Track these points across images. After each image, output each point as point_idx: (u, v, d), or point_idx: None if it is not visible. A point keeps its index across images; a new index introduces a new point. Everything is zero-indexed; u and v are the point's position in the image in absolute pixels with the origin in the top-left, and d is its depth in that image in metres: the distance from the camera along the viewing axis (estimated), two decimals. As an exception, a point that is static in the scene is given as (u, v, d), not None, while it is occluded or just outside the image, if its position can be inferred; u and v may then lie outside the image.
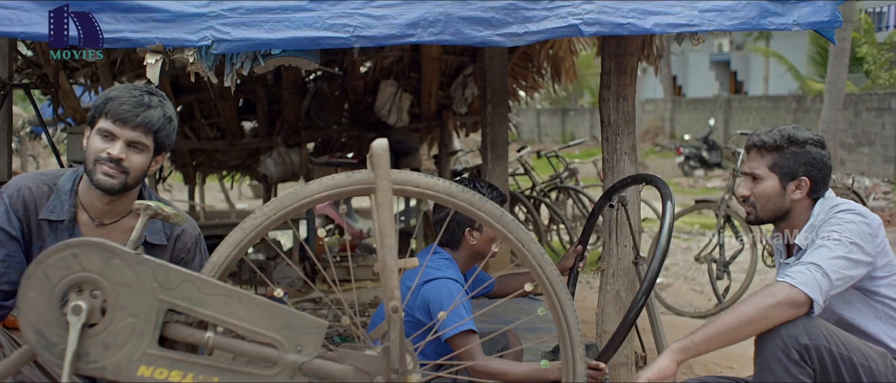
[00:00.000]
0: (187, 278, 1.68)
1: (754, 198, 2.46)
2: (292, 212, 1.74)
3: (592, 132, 23.92)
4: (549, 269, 1.81)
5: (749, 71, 25.39)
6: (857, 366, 2.14)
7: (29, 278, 1.66)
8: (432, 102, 7.44)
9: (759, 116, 17.73)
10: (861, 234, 2.25)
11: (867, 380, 2.15)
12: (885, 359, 2.22)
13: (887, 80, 14.78)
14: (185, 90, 6.92)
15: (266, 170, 7.06)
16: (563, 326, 1.81)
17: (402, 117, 7.23)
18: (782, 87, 20.27)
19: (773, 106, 17.50)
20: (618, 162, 3.41)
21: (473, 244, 2.94)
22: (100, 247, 1.67)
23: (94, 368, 1.67)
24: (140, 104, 2.19)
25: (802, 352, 2.11)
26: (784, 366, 2.11)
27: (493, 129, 5.90)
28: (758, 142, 2.47)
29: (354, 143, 8.02)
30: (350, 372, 1.72)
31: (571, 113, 26.14)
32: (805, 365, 2.11)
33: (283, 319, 1.69)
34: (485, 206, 1.78)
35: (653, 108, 22.33)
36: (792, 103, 16.72)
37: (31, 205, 2.25)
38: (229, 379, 1.68)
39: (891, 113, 13.14)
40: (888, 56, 15.18)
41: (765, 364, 2.16)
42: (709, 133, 17.21)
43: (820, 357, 2.11)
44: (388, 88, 7.15)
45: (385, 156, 1.65)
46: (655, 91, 25.25)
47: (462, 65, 7.26)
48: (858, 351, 2.17)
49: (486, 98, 5.88)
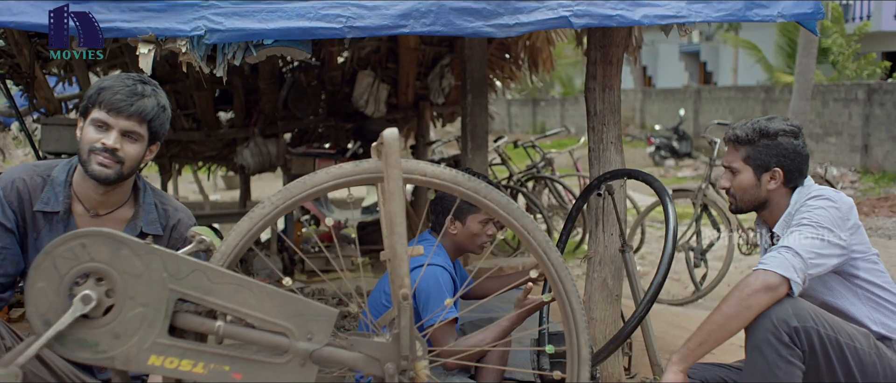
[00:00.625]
0: (197, 267, 1.68)
1: (733, 190, 2.56)
2: (301, 201, 1.75)
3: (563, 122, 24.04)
4: (553, 256, 1.84)
5: (718, 61, 25.67)
6: (844, 347, 2.21)
7: (37, 268, 1.66)
8: (409, 93, 7.46)
9: (728, 106, 17.93)
10: (830, 218, 2.32)
11: (852, 360, 2.22)
12: (869, 339, 2.29)
13: (854, 70, 15.04)
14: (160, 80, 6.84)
15: (243, 161, 7.02)
16: (567, 311, 1.85)
17: (379, 108, 7.23)
18: (751, 78, 20.51)
19: (742, 96, 17.70)
20: (604, 151, 3.45)
21: (455, 234, 2.97)
22: (109, 236, 1.67)
23: (105, 358, 1.67)
24: (134, 93, 2.19)
25: (792, 334, 2.17)
26: (774, 348, 2.18)
27: (473, 119, 5.91)
28: (732, 136, 2.57)
29: (331, 134, 8.01)
30: (360, 359, 1.74)
31: (542, 103, 26.24)
32: (794, 347, 2.18)
33: (293, 307, 1.70)
34: (490, 194, 1.81)
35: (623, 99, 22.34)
36: (761, 94, 16.93)
37: (26, 197, 2.24)
38: (240, 368, 1.69)
39: (858, 103, 13.36)
40: (855, 47, 15.45)
41: (755, 346, 2.22)
42: (679, 123, 17.40)
43: (809, 338, 2.18)
44: (366, 79, 7.14)
45: (396, 146, 1.66)
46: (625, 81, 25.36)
47: (439, 55, 7.28)
48: (844, 332, 2.24)
49: (466, 88, 5.89)
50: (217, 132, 7.33)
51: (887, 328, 2.38)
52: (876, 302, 2.39)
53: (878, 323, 2.38)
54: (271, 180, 10.03)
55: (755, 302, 2.20)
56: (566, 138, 16.22)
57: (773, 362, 2.18)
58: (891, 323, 2.38)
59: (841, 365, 2.21)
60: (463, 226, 2.94)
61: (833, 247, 2.31)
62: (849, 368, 2.22)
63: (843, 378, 2.23)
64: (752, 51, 17.65)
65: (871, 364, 2.25)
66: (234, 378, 1.70)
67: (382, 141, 1.67)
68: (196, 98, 7.02)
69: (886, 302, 2.39)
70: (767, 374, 2.19)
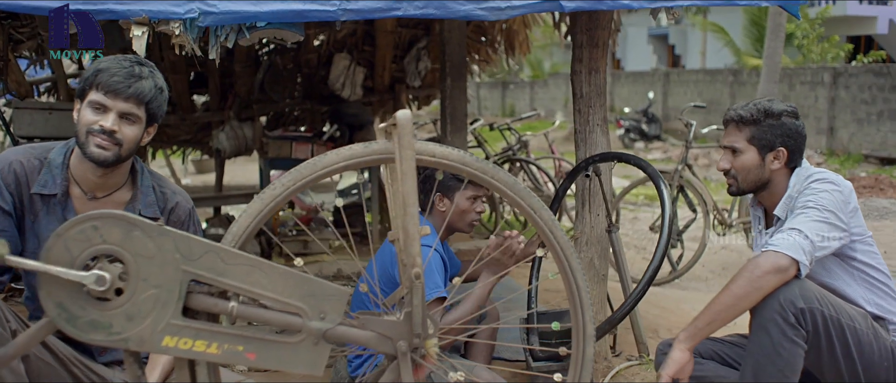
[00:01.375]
0: (210, 249, 1.69)
1: (735, 171, 2.57)
2: (311, 182, 1.76)
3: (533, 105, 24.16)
4: (559, 235, 1.88)
5: (687, 45, 25.90)
6: (844, 327, 2.28)
7: (49, 250, 1.65)
8: (385, 76, 7.46)
9: (696, 89, 18.13)
10: (834, 202, 2.37)
11: (852, 339, 2.29)
12: (866, 320, 2.36)
13: (819, 53, 15.29)
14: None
15: (218, 145, 6.97)
16: (573, 289, 1.89)
17: (355, 91, 7.21)
18: (719, 61, 20.74)
19: (710, 79, 17.90)
20: (590, 133, 3.50)
21: (443, 211, 2.98)
22: (121, 219, 1.67)
23: (118, 339, 1.67)
24: (131, 75, 2.17)
25: (798, 315, 2.23)
26: (780, 328, 2.23)
27: (452, 102, 5.93)
28: (735, 116, 2.58)
29: (306, 117, 7.99)
30: (373, 337, 1.76)
31: (512, 86, 26.31)
32: (799, 327, 2.23)
33: (306, 287, 1.72)
34: (497, 175, 1.84)
35: (592, 82, 22.62)
36: (729, 77, 17.14)
37: (23, 180, 2.22)
38: (254, 348, 1.71)
39: (823, 86, 13.60)
40: (819, 31, 15.70)
41: (762, 326, 2.27)
42: (648, 106, 17.56)
43: (813, 319, 2.24)
44: (342, 61, 7.12)
45: (409, 127, 1.68)
46: (594, 64, 25.51)
47: (415, 38, 7.27)
48: (845, 313, 2.30)
49: (445, 71, 5.90)
50: (192, 115, 7.27)
51: (881, 308, 2.45)
52: (870, 283, 2.46)
53: (873, 304, 2.45)
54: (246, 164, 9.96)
55: (765, 283, 2.25)
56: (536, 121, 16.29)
57: (777, 341, 2.23)
58: (883, 304, 2.45)
59: (841, 345, 2.28)
60: (451, 203, 2.94)
61: (836, 230, 2.36)
62: (848, 347, 2.29)
63: (842, 356, 2.29)
64: (721, 34, 17.86)
65: (868, 343, 2.32)
66: (248, 358, 1.71)
67: (395, 122, 1.69)
68: (171, 81, 6.92)
69: (880, 283, 2.46)
70: (772, 353, 2.24)
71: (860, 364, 2.31)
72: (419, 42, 7.27)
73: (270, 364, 1.72)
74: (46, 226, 2.24)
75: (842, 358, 2.30)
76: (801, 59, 15.87)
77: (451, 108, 6.02)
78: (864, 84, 13.20)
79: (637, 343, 3.53)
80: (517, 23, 7.04)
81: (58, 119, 4.87)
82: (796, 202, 2.44)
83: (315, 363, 1.73)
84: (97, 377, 2.28)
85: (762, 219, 2.68)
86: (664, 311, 4.52)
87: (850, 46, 16.62)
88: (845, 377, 2.33)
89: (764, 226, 2.66)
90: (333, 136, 7.29)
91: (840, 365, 2.31)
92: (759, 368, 2.27)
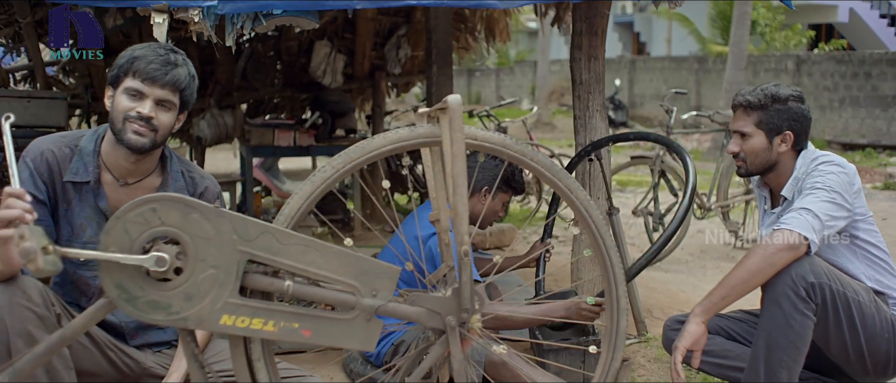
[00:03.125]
0: (266, 229, 1.74)
1: (744, 154, 2.69)
2: (360, 164, 1.82)
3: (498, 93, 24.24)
4: (594, 215, 1.96)
5: (652, 32, 26.21)
6: (850, 300, 2.40)
7: (108, 233, 1.69)
8: (365, 63, 7.48)
9: (662, 77, 18.38)
10: (841, 184, 2.49)
11: (856, 312, 2.41)
12: (869, 294, 2.50)
13: (782, 41, 15.60)
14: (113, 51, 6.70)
15: (200, 133, 6.95)
16: (607, 265, 1.98)
17: (336, 78, 7.24)
18: (684, 49, 21.04)
19: (676, 66, 18.17)
20: (590, 118, 3.60)
21: (479, 208, 3.07)
22: (179, 201, 1.71)
23: (178, 319, 1.72)
24: (167, 62, 2.21)
25: (809, 289, 2.35)
26: (792, 302, 2.35)
27: (439, 89, 5.99)
28: (743, 101, 2.69)
29: (286, 104, 7.99)
30: (423, 313, 1.83)
31: (477, 74, 26.39)
32: (810, 301, 2.35)
33: (358, 266, 1.78)
34: (536, 157, 1.92)
35: (559, 69, 22.79)
36: (694, 64, 17.42)
37: (55, 168, 2.24)
38: (309, 325, 1.77)
39: (787, 74, 13.90)
40: (781, 19, 16.01)
41: (773, 300, 2.38)
42: (615, 93, 17.77)
43: (822, 293, 2.36)
44: (323, 49, 7.14)
45: (459, 111, 1.75)
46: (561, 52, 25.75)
47: (396, 25, 7.32)
48: (850, 287, 2.43)
49: (432, 58, 5.96)
50: (172, 103, 7.22)
51: (880, 284, 2.58)
52: (871, 260, 2.59)
53: (873, 280, 2.58)
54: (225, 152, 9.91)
55: (778, 259, 2.37)
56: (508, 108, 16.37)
57: (789, 314, 2.35)
58: (883, 280, 2.59)
59: (846, 317, 2.40)
60: (493, 200, 3.07)
61: (842, 210, 2.48)
62: (852, 320, 2.41)
63: (847, 328, 2.42)
64: (685, 22, 18.12)
65: (871, 316, 2.45)
66: (303, 335, 1.77)
67: (443, 107, 1.76)
68: (151, 69, 6.90)
69: (880, 260, 2.59)
70: (784, 326, 2.36)
71: (863, 335, 2.44)
72: (399, 29, 7.32)
73: (325, 340, 1.79)
74: (79, 213, 2.27)
75: (847, 330, 2.42)
76: (765, 46, 16.18)
77: (438, 95, 6.08)
78: (827, 71, 13.53)
79: (636, 322, 3.64)
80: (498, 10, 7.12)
81: (37, 108, 4.83)
82: (804, 183, 2.55)
83: (368, 339, 1.79)
84: (131, 360, 2.31)
85: (768, 199, 2.79)
86: (653, 292, 4.65)
87: (812, 33, 16.99)
88: (849, 347, 2.46)
89: (770, 206, 2.78)
90: (315, 124, 7.30)
91: (845, 336, 2.43)
92: (772, 340, 2.39)
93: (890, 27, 19.93)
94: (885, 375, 2.57)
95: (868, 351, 2.47)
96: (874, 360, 2.49)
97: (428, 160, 1.96)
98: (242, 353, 1.81)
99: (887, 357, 2.49)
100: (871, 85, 12.81)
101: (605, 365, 2.01)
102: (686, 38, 19.51)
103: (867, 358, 2.48)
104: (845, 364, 2.53)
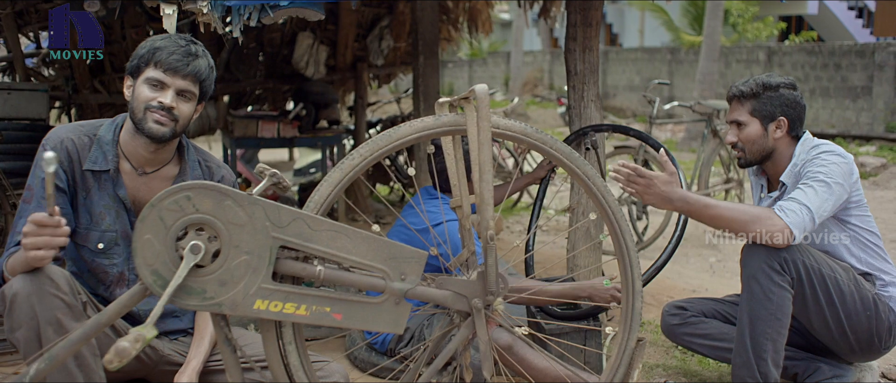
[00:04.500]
0: (297, 216, 1.79)
1: (741, 143, 2.78)
2: (387, 152, 1.87)
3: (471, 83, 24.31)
4: (610, 200, 2.03)
5: (624, 23, 26.39)
6: (825, 276, 2.51)
7: (144, 220, 1.72)
8: (348, 54, 7.50)
9: (635, 68, 18.55)
10: (842, 173, 2.58)
11: (833, 288, 2.52)
12: (849, 273, 2.60)
13: (753, 32, 15.83)
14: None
15: (183, 124, 6.92)
16: (622, 248, 2.05)
17: (319, 69, 7.26)
18: (656, 40, 21.24)
19: (648, 57, 18.34)
20: (585, 108, 3.67)
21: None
22: (213, 189, 1.75)
23: (212, 304, 1.76)
24: (189, 54, 2.24)
25: (781, 262, 2.46)
26: (768, 275, 2.46)
27: (426, 80, 6.03)
28: (737, 92, 2.78)
29: (268, 96, 7.98)
30: (450, 296, 1.89)
31: (450, 65, 26.41)
32: (784, 273, 2.47)
33: (387, 251, 1.83)
34: (556, 145, 1.98)
35: (531, 60, 22.92)
36: (667, 55, 17.59)
37: (75, 157, 2.26)
38: (340, 309, 1.81)
39: (758, 64, 14.11)
40: (753, 11, 16.24)
41: (751, 276, 2.49)
42: (588, 84, 17.87)
43: (795, 267, 2.47)
44: (306, 40, 7.15)
45: (486, 100, 1.80)
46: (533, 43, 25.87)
47: (378, 17, 7.34)
48: (826, 264, 2.54)
49: (418, 49, 5.99)
50: (154, 95, 7.19)
51: (871, 266, 2.69)
52: (863, 244, 2.69)
53: (864, 263, 2.68)
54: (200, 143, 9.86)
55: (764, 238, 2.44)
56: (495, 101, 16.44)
57: (767, 288, 2.46)
58: (873, 262, 2.69)
59: (823, 293, 2.51)
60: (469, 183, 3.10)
61: (837, 199, 2.56)
62: (830, 295, 2.52)
63: (825, 304, 2.53)
64: (658, 13, 18.29)
65: (850, 293, 2.55)
66: (335, 318, 1.82)
67: (475, 95, 1.81)
68: (132, 60, 6.86)
69: (872, 244, 2.70)
70: (763, 299, 2.46)
71: (842, 311, 2.55)
72: (382, 21, 7.34)
73: (356, 324, 1.83)
74: (98, 202, 2.29)
75: (825, 305, 2.53)
76: (737, 37, 16.41)
77: (425, 86, 6.11)
78: (798, 62, 13.76)
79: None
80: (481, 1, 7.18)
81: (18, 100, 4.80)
82: (804, 170, 2.62)
83: (397, 321, 1.85)
84: (148, 348, 2.34)
85: (765, 187, 2.88)
86: (641, 278, 4.74)
87: (783, 25, 17.26)
88: (830, 323, 2.56)
89: (766, 191, 2.87)
90: (299, 115, 7.31)
91: (824, 312, 2.54)
92: (754, 314, 2.49)
93: (858, 19, 20.31)
94: (871, 353, 2.68)
95: (849, 328, 2.57)
96: (857, 338, 2.59)
97: (449, 148, 2.02)
98: (274, 338, 1.85)
99: (869, 334, 2.60)
100: (840, 76, 13.06)
101: (621, 344, 2.08)
102: (658, 29, 19.69)
103: (850, 335, 2.58)
104: (830, 342, 2.63)
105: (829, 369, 2.68)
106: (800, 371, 2.70)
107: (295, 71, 7.22)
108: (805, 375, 2.70)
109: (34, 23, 6.16)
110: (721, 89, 14.85)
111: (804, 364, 2.70)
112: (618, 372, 2.06)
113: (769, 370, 2.47)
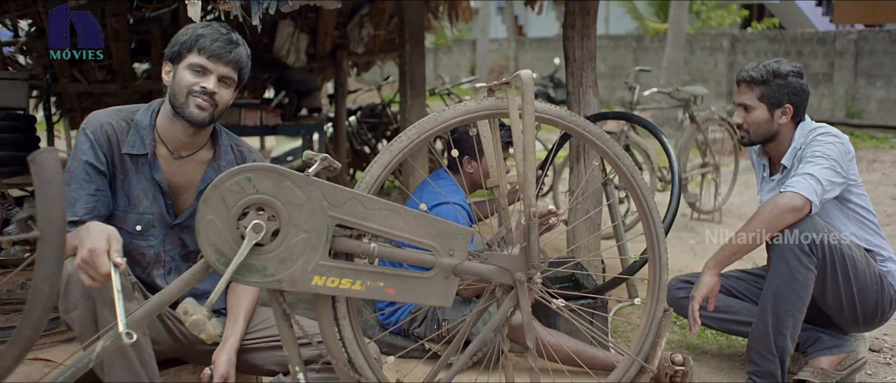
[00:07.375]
0: (352, 196, 1.87)
1: (747, 125, 2.93)
2: (433, 134, 1.96)
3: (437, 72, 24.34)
4: (639, 179, 2.15)
5: (587, 11, 26.53)
6: (845, 256, 2.67)
7: (206, 201, 1.79)
8: (328, 42, 7.54)
9: (600, 55, 18.74)
10: (839, 153, 2.74)
11: (850, 266, 2.68)
12: (860, 250, 2.77)
13: (716, 20, 16.13)
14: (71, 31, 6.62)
15: (165, 113, 6.91)
16: (650, 226, 2.18)
17: (300, 57, 7.30)
18: (621, 27, 21.48)
19: (614, 45, 18.56)
20: (583, 94, 3.79)
21: (471, 173, 3.23)
22: (272, 170, 1.83)
23: (272, 281, 1.84)
24: (230, 41, 2.31)
25: (812, 246, 2.61)
26: (797, 257, 2.60)
27: (411, 68, 6.10)
28: (747, 77, 2.92)
29: (249, 84, 7.98)
30: (494, 270, 1.99)
31: (415, 54, 26.40)
32: (812, 256, 2.61)
33: (436, 228, 1.93)
34: (588, 128, 2.09)
35: (496, 48, 23.03)
36: (632, 42, 17.83)
37: (114, 141, 2.32)
38: (393, 283, 1.91)
39: (722, 52, 14.41)
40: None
41: (780, 255, 2.63)
42: (554, 72, 18.04)
43: (823, 249, 2.61)
44: (286, 29, 7.17)
45: (531, 84, 1.91)
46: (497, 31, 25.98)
47: (358, 5, 7.38)
48: (846, 244, 2.70)
49: (404, 37, 6.07)
50: (133, 83, 7.16)
51: (869, 243, 2.86)
52: (861, 222, 2.86)
53: (863, 240, 2.85)
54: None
55: (784, 220, 2.61)
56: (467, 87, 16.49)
57: (794, 267, 2.60)
58: (872, 239, 2.86)
59: (842, 271, 2.67)
60: (479, 164, 3.19)
61: (839, 176, 2.73)
62: (847, 273, 2.68)
63: (842, 281, 2.69)
64: (624, 1, 18.53)
65: (863, 270, 2.72)
66: (388, 293, 1.91)
67: (519, 80, 1.91)
68: (113, 48, 6.82)
69: (869, 222, 2.87)
70: (789, 278, 2.61)
71: (856, 287, 2.71)
72: (362, 9, 7.39)
73: (408, 297, 1.93)
74: (136, 185, 2.35)
75: (842, 283, 2.69)
76: (700, 24, 16.72)
77: (411, 74, 6.19)
78: (761, 49, 14.07)
79: (627, 286, 3.87)
80: (461, -10, 7.27)
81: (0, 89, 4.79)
82: (804, 152, 2.79)
83: (446, 295, 1.95)
84: (185, 328, 2.41)
85: (767, 167, 3.03)
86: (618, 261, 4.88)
87: (745, 13, 17.60)
88: (843, 299, 2.72)
89: (768, 173, 3.02)
90: (281, 103, 7.35)
91: (840, 288, 2.70)
92: (779, 292, 2.63)
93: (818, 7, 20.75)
94: (872, 324, 2.85)
95: (859, 302, 2.74)
96: (864, 310, 2.76)
97: (486, 131, 2.12)
98: (329, 311, 1.94)
99: (875, 306, 2.77)
100: (802, 63, 13.39)
101: (649, 314, 2.21)
102: (623, 17, 19.93)
103: (858, 308, 2.75)
104: (838, 315, 2.80)
105: (829, 339, 2.85)
106: (801, 341, 2.86)
107: (275, 59, 7.24)
108: (806, 345, 2.87)
109: (13, 11, 6.11)
110: (686, 76, 15.13)
111: (805, 334, 2.86)
112: (646, 340, 2.19)
113: (786, 344, 2.64)
